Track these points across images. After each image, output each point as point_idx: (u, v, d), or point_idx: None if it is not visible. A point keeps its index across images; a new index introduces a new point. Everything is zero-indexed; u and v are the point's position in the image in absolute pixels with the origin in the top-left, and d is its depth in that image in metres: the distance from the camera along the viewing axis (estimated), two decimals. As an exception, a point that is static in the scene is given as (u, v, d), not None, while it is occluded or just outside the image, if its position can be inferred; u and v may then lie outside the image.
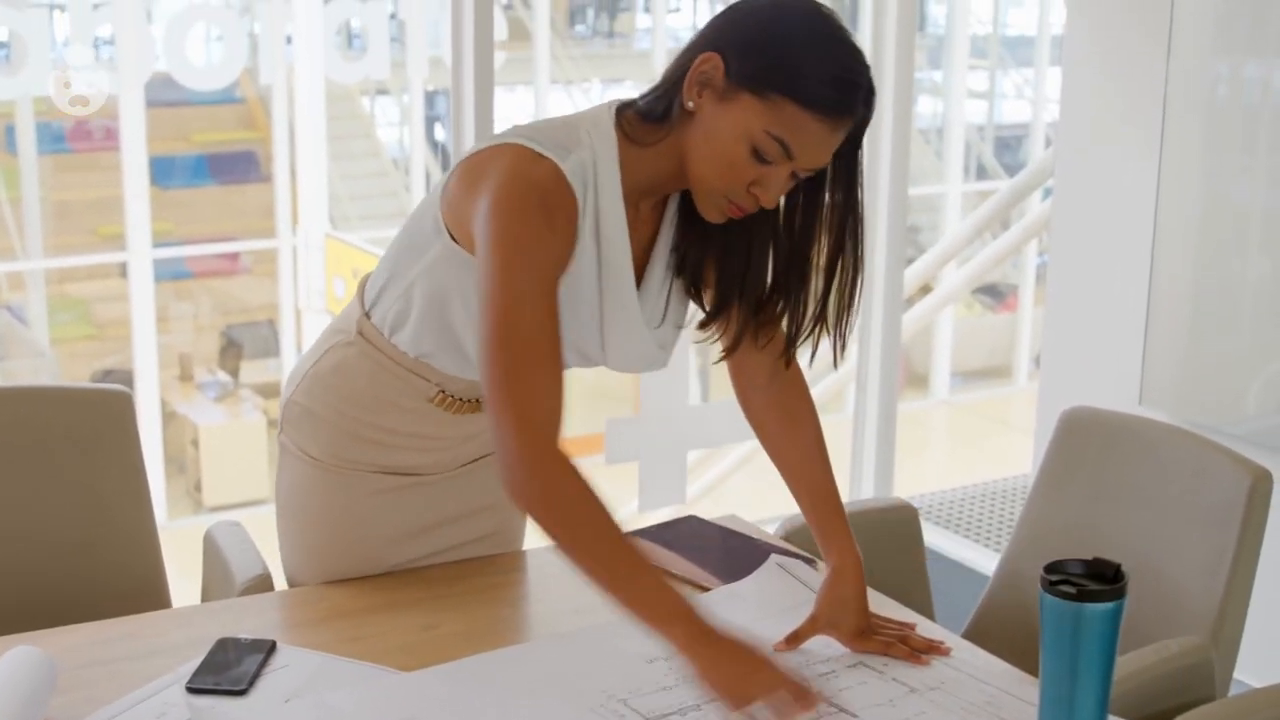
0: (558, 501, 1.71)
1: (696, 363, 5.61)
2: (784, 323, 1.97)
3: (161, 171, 10.03)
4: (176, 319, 10.63)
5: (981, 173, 13.04)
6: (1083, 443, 2.41)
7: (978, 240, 7.70)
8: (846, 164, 1.84)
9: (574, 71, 11.82)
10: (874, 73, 1.80)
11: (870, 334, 4.50)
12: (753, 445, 2.40)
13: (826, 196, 1.87)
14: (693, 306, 2.05)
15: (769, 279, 1.96)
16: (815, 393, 2.18)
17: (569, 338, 1.86)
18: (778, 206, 1.89)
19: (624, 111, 1.89)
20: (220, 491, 9.84)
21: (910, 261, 6.10)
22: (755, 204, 1.81)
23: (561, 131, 1.85)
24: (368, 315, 2.04)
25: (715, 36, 1.80)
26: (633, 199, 1.90)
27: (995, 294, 12.78)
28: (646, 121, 1.85)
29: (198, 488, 9.98)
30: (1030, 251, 11.59)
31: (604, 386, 11.49)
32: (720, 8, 1.84)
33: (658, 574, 1.72)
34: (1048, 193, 6.90)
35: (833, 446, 2.13)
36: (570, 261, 1.84)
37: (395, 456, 2.09)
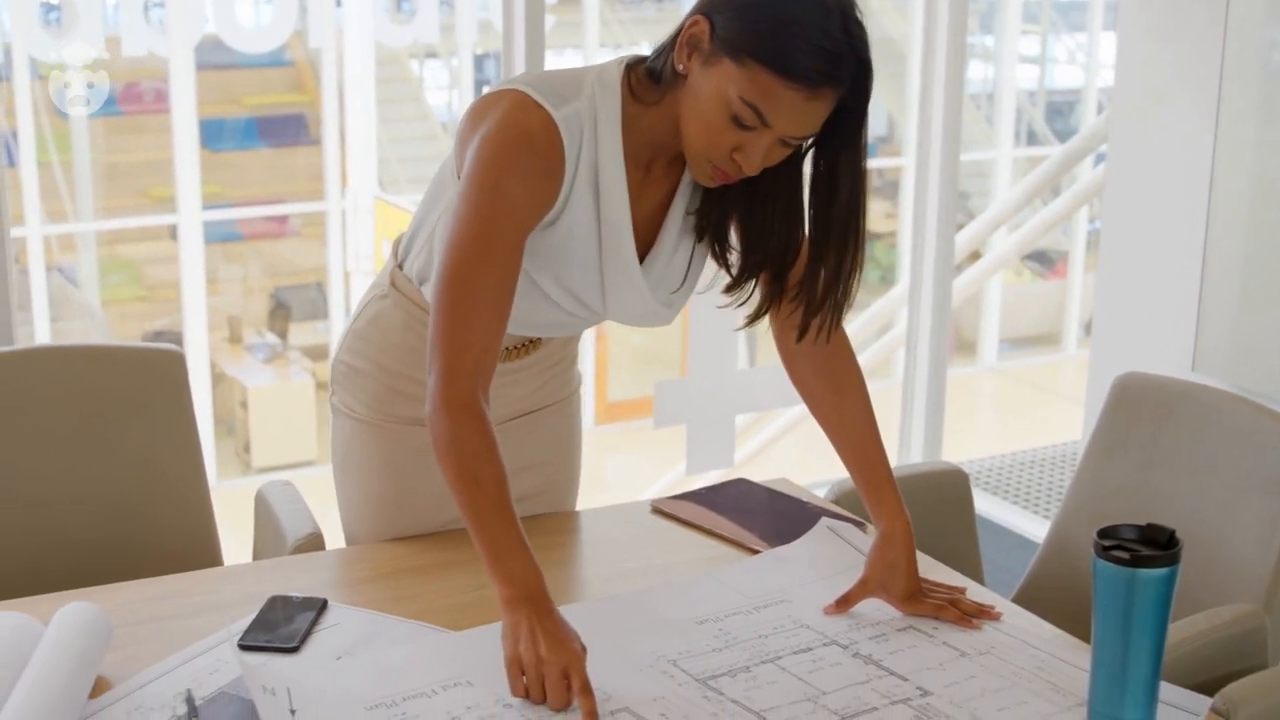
0: (459, 450, 1.77)
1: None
2: (804, 295, 1.93)
3: (211, 134, 10.05)
4: (226, 281, 10.68)
5: (1032, 138, 12.94)
6: (1136, 409, 2.40)
7: (1028, 207, 7.65)
8: (849, 136, 1.82)
9: (623, 35, 11.78)
10: (926, 38, 1.78)
11: (920, 299, 4.48)
12: (801, 410, 2.39)
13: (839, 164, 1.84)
14: (712, 271, 2.03)
15: (798, 247, 1.94)
16: (863, 358, 2.18)
17: (566, 285, 1.91)
18: (799, 171, 1.88)
19: (634, 68, 1.89)
20: (269, 453, 9.89)
21: (960, 227, 6.06)
22: (739, 170, 1.80)
23: (566, 82, 1.86)
24: (400, 267, 2.08)
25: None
26: (641, 158, 1.90)
27: (1045, 260, 12.70)
28: (650, 80, 1.86)
29: (246, 449, 10.03)
30: (1080, 218, 11.50)
31: (652, 350, 11.50)
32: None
33: (522, 540, 1.75)
34: (1099, 159, 6.85)
35: (881, 412, 2.12)
36: (559, 209, 1.86)
37: None
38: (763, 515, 2.25)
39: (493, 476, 1.76)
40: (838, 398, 2.08)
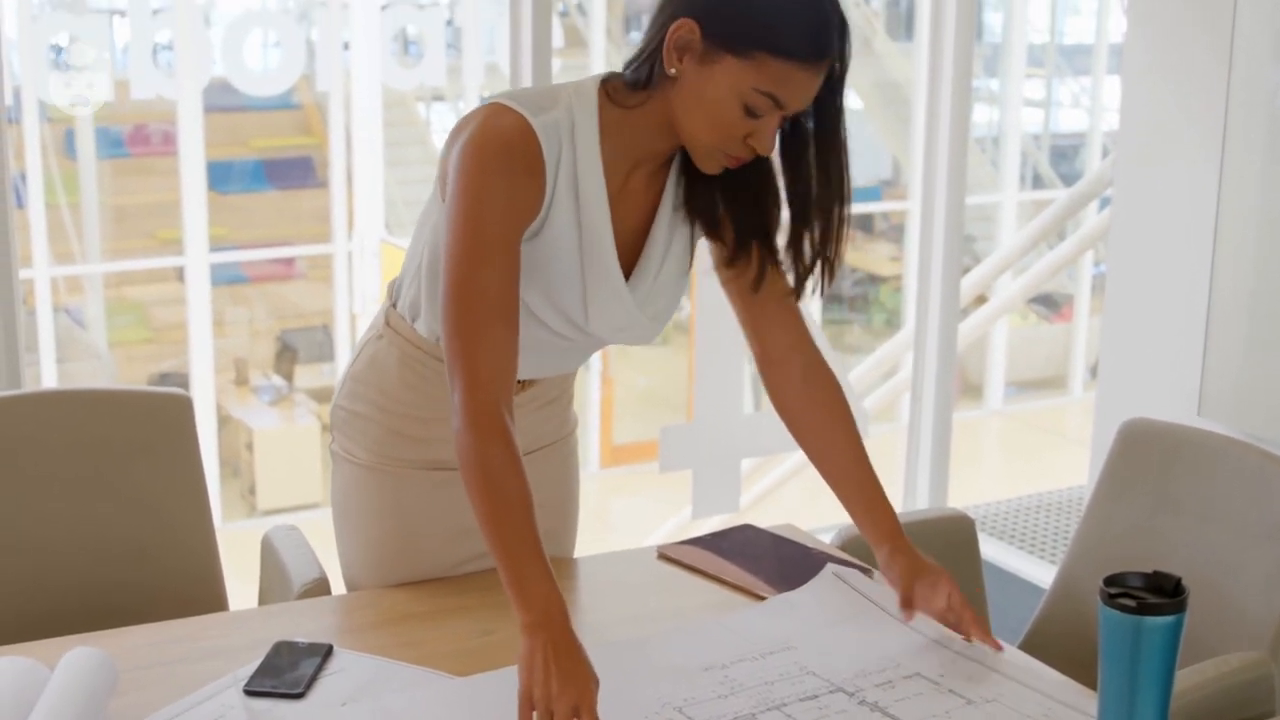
0: (484, 468, 1.77)
1: (750, 370, 5.61)
2: (794, 255, 1.98)
3: (219, 176, 10.09)
4: (232, 323, 10.70)
5: (1038, 182, 12.97)
6: (1142, 454, 2.40)
7: (1033, 250, 7.66)
8: (833, 94, 1.86)
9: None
10: (931, 81, 1.84)
11: (926, 344, 4.48)
12: (805, 457, 2.40)
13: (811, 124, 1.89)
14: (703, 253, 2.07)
15: (781, 211, 1.98)
16: (868, 402, 2.20)
17: (551, 298, 1.92)
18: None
19: (609, 82, 1.92)
20: (274, 495, 9.89)
21: (966, 271, 6.07)
22: (751, 153, 1.85)
23: (542, 95, 1.90)
24: (394, 305, 2.10)
25: (681, 1, 1.81)
26: (621, 169, 1.93)
27: (1050, 304, 12.70)
28: (630, 89, 1.89)
29: (252, 491, 10.03)
30: (1086, 262, 11.51)
31: (658, 394, 11.49)
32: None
33: (544, 565, 1.74)
34: (1104, 203, 6.86)
35: (887, 456, 2.13)
36: (542, 218, 1.88)
37: (435, 449, 2.11)
38: (769, 561, 2.25)
39: (518, 496, 1.77)
40: (832, 430, 2.10)
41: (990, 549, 4.70)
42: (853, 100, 13.37)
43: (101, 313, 10.30)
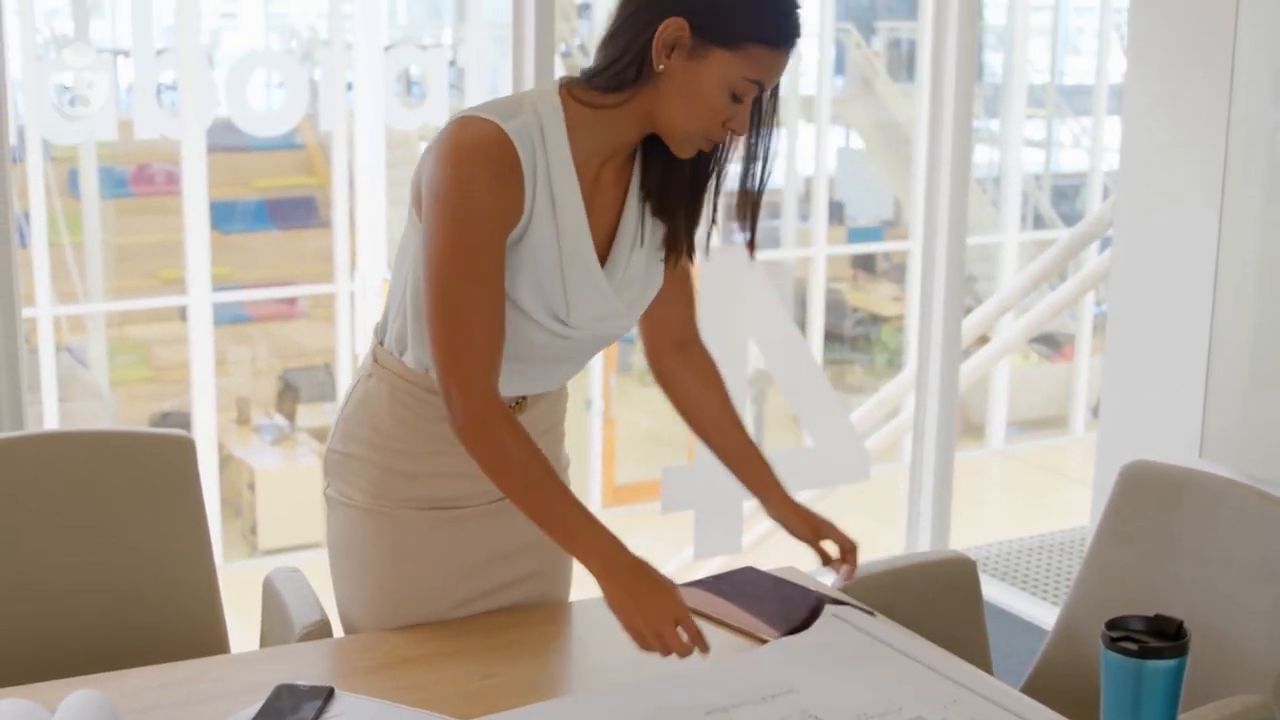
0: (499, 453, 1.92)
1: (752, 411, 5.61)
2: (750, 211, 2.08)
3: (222, 216, 10.10)
4: (234, 362, 10.69)
5: (1039, 222, 12.98)
6: (1143, 497, 2.40)
7: (1035, 291, 7.67)
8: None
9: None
10: (932, 122, 1.91)
11: (927, 385, 4.48)
12: (809, 495, 2.41)
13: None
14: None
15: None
16: (870, 443, 2.24)
17: (535, 293, 1.98)
18: None
19: (570, 84, 1.99)
20: (276, 535, 9.87)
21: (968, 311, 6.08)
22: (729, 136, 1.99)
23: (506, 103, 1.97)
24: (381, 343, 2.12)
25: (666, 2, 1.90)
26: (591, 166, 2.00)
27: (1051, 343, 12.71)
28: (604, 89, 1.96)
29: (253, 531, 10.01)
30: (1087, 301, 11.53)
31: (660, 434, 11.47)
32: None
33: (584, 512, 1.92)
34: (1104, 244, 6.88)
35: (889, 497, 2.17)
36: (525, 223, 1.94)
37: (431, 486, 2.12)
38: (770, 603, 2.25)
39: (538, 466, 1.92)
40: (708, 393, 2.29)
41: (992, 590, 4.70)
42: (854, 140, 13.41)
43: (103, 352, 10.30)
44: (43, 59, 9.05)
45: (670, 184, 2.07)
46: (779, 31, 1.91)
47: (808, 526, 2.24)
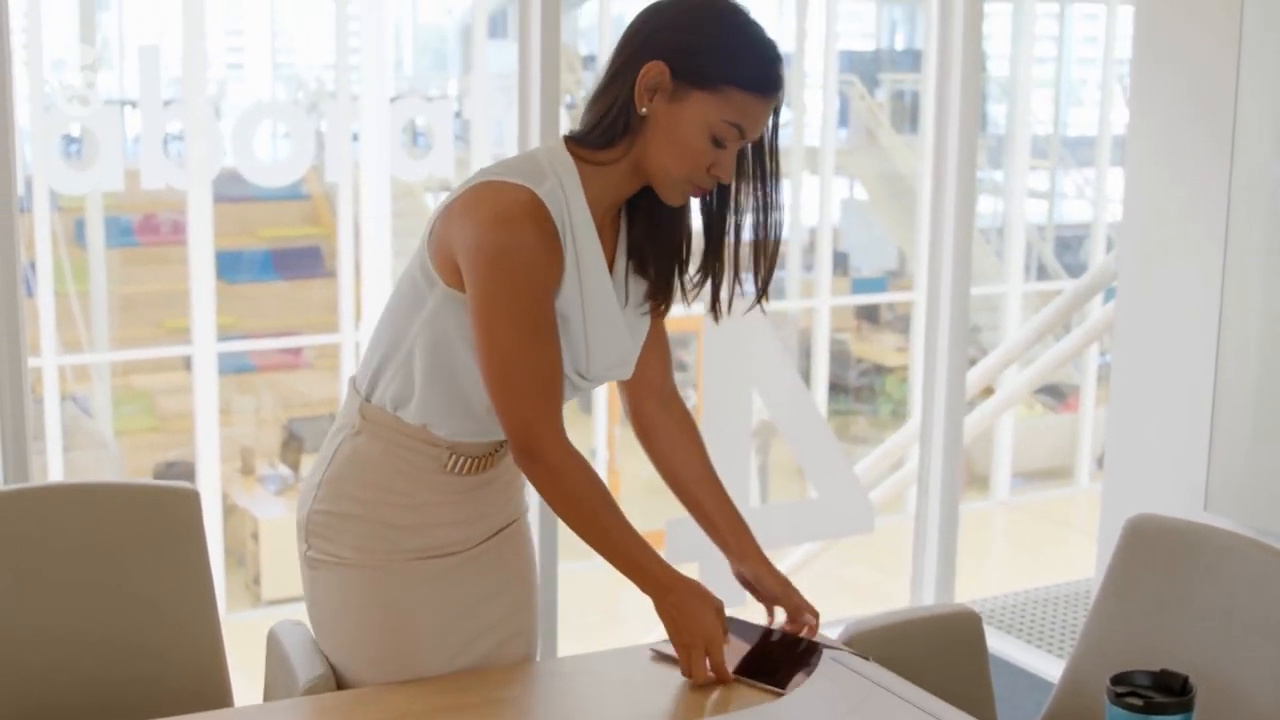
0: (573, 497, 2.04)
1: (757, 462, 5.60)
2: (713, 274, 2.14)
3: (227, 266, 10.13)
4: (239, 412, 10.70)
5: (1042, 273, 13.01)
6: (1148, 551, 2.39)
7: (1039, 342, 7.68)
8: (774, 123, 2.05)
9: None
10: (936, 173, 1.96)
11: (932, 437, 4.48)
12: (813, 547, 2.42)
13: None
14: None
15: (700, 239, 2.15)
16: (875, 494, 2.26)
17: (565, 354, 2.04)
18: None
19: (573, 142, 2.04)
20: (279, 585, 9.85)
21: (972, 362, 6.08)
22: (714, 182, 2.03)
23: (527, 165, 2.01)
24: (368, 400, 2.12)
25: (647, 46, 1.98)
26: (597, 218, 2.05)
27: (1056, 394, 12.71)
28: (600, 144, 2.02)
29: (256, 581, 10.00)
30: (1091, 351, 11.54)
31: (663, 485, 11.46)
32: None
33: (642, 544, 2.07)
34: (1109, 295, 6.89)
35: (894, 548, 2.19)
36: (560, 284, 2.00)
37: (427, 534, 2.12)
38: (771, 656, 2.24)
39: (605, 504, 2.05)
40: (687, 447, 2.33)
41: (998, 643, 4.68)
42: (858, 192, 13.45)
43: (108, 401, 10.31)
44: (51, 110, 9.09)
45: (654, 237, 2.12)
46: (757, 79, 1.97)
47: (779, 586, 2.33)
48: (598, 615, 2.31)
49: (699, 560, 4.15)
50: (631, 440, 2.38)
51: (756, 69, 1.98)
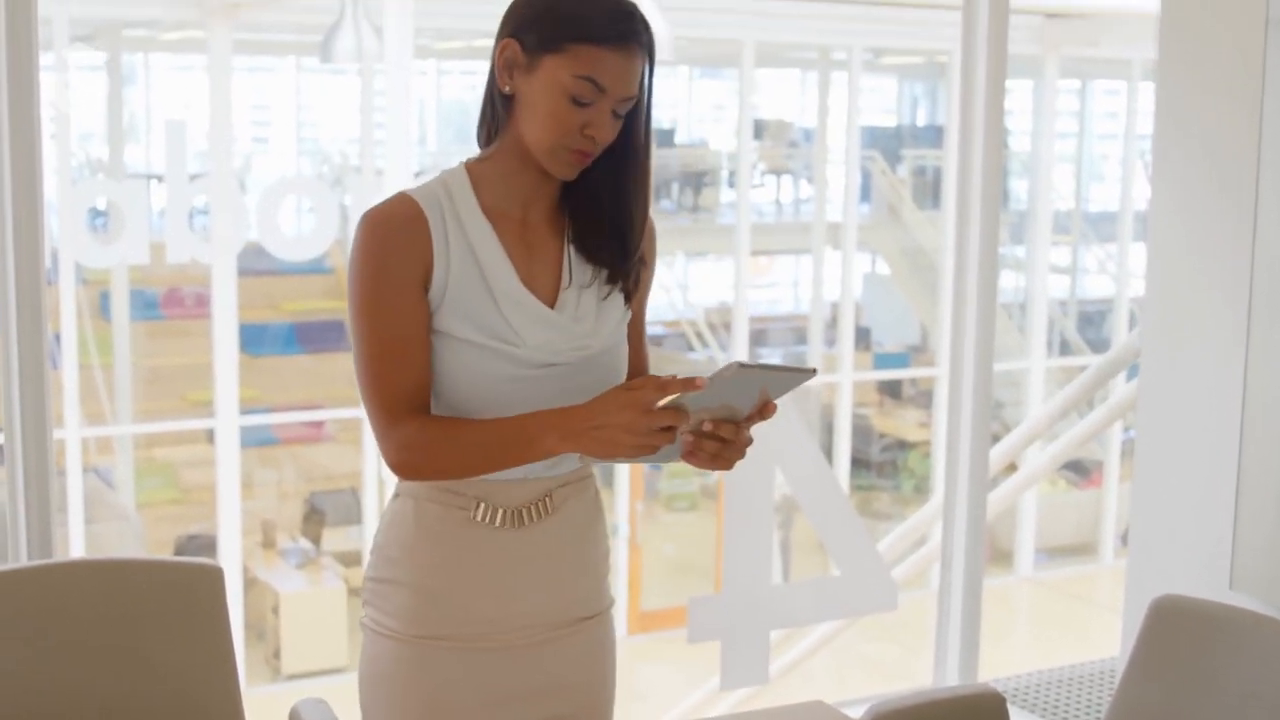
0: (430, 452, 2.02)
1: (779, 538, 5.59)
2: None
3: (251, 339, 10.18)
4: (261, 485, 10.72)
5: (1065, 348, 13.01)
6: (1173, 632, 2.38)
7: (1063, 419, 7.66)
8: (647, 89, 2.07)
9: (658, 245, 11.92)
10: (958, 248, 1.93)
11: (955, 514, 4.46)
12: (836, 624, 2.39)
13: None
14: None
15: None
16: (898, 571, 2.22)
17: (481, 330, 2.05)
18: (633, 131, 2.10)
19: (469, 158, 2.13)
20: (299, 659, 9.83)
21: (996, 438, 6.06)
22: (593, 144, 2.04)
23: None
24: None
25: (503, 29, 2.04)
26: (512, 211, 2.10)
27: (1079, 469, 12.67)
28: (490, 139, 2.10)
29: (276, 655, 9.97)
30: (1114, 427, 11.51)
31: (686, 560, 11.43)
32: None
33: (518, 419, 1.97)
34: (1132, 372, 6.88)
35: (917, 624, 2.15)
36: (443, 267, 2.04)
37: (463, 608, 2.09)
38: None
39: (464, 426, 2.01)
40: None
41: (1022, 722, 4.64)
42: (880, 266, 13.45)
43: (131, 473, 10.34)
44: (78, 183, 9.18)
45: (592, 228, 2.14)
46: (600, 32, 1.99)
47: None
48: (618, 690, 2.29)
49: (720, 638, 4.14)
50: (654, 515, 2.37)
51: (599, 23, 1.99)
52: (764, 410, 1.98)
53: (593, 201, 2.13)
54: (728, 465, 1.99)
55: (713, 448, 1.96)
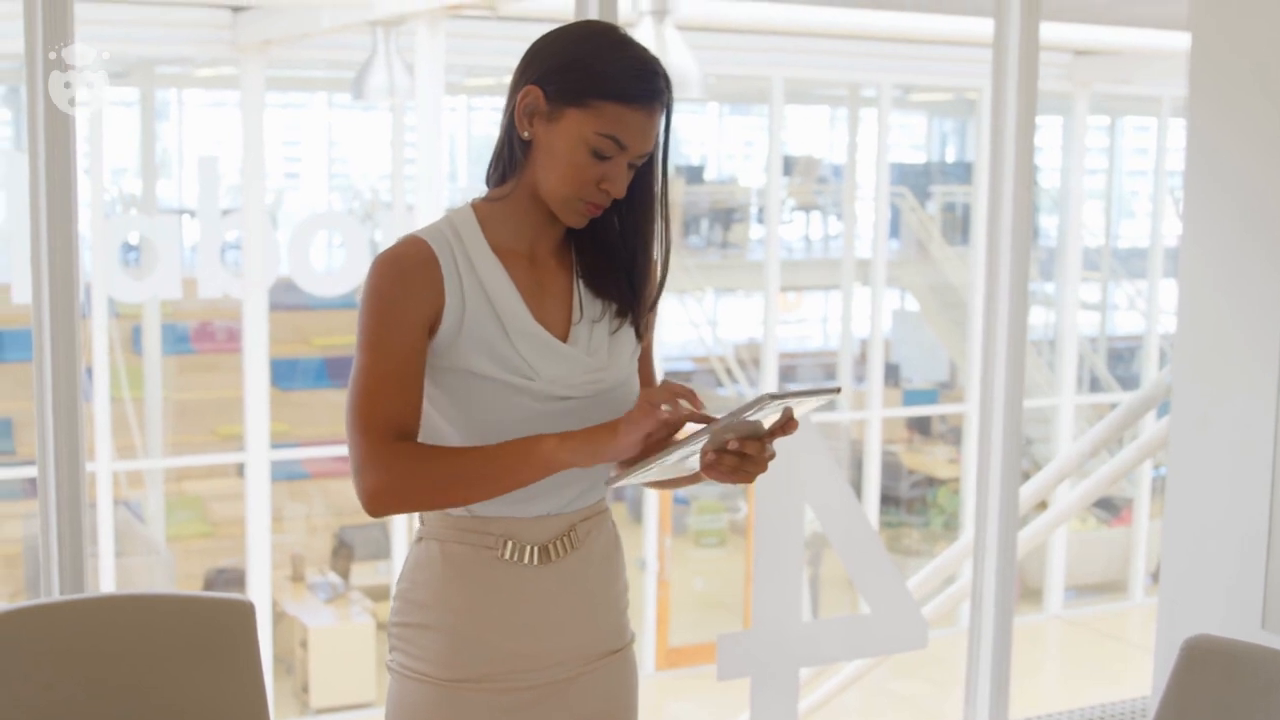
0: (409, 474, 2.00)
1: (808, 574, 5.57)
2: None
3: (282, 373, 10.21)
4: (290, 519, 10.74)
5: (1095, 385, 12.97)
6: (1205, 673, 2.37)
7: (1093, 457, 7.64)
8: (661, 141, 2.10)
9: (688, 281, 11.96)
10: (988, 284, 1.92)
11: (985, 552, 4.45)
12: (866, 662, 2.39)
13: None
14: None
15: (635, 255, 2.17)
16: (928, 610, 2.21)
17: (497, 364, 2.06)
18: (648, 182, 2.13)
19: (477, 198, 2.14)
20: (328, 693, 9.83)
21: (1026, 476, 6.04)
22: (606, 198, 2.06)
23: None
24: None
25: (524, 76, 2.07)
26: (520, 249, 2.12)
27: (1110, 507, 12.62)
28: (501, 182, 2.11)
29: (305, 689, 9.97)
30: (1145, 464, 11.47)
31: (714, 596, 11.40)
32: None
33: (513, 443, 1.99)
34: (1162, 409, 6.86)
35: (948, 661, 2.14)
36: (455, 306, 2.05)
37: (493, 649, 2.09)
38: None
39: (446, 453, 2.00)
40: None
41: (1052, 761, 4.62)
42: (910, 303, 13.44)
43: (161, 507, 10.37)
44: (111, 218, 9.23)
45: (600, 265, 2.16)
46: (626, 90, 2.01)
47: None
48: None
49: (750, 675, 4.12)
50: (683, 550, 2.36)
51: (626, 82, 2.01)
52: (786, 426, 1.96)
53: (601, 245, 2.15)
54: (749, 479, 1.99)
55: (732, 461, 1.96)
